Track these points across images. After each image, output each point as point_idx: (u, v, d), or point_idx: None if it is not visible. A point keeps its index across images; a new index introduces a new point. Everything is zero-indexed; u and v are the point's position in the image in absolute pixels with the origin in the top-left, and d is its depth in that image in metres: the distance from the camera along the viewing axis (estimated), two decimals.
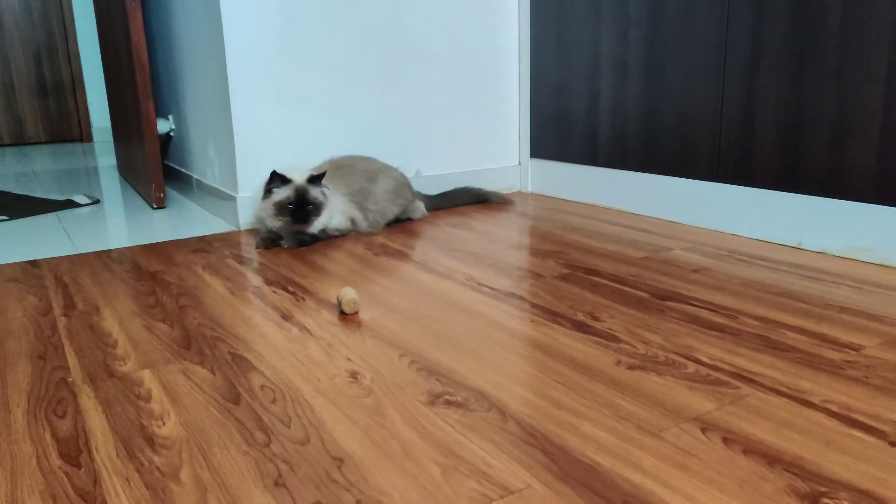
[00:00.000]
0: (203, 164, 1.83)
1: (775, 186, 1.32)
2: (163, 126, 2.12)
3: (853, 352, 0.82)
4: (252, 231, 1.55)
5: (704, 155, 1.45)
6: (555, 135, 1.85)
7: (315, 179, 1.38)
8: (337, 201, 1.45)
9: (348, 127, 1.68)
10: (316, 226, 1.40)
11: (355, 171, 1.51)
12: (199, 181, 1.86)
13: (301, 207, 1.36)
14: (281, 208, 1.36)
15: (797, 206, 1.29)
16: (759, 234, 1.36)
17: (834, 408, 0.69)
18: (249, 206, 1.57)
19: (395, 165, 1.70)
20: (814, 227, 1.26)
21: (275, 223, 1.39)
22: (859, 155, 1.18)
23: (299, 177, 1.38)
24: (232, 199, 1.58)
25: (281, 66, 1.56)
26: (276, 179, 1.36)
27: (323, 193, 1.39)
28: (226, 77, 1.51)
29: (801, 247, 1.29)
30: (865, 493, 0.55)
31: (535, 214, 1.66)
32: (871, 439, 0.63)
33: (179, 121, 2.04)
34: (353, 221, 1.48)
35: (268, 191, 1.38)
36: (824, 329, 0.89)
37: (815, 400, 0.71)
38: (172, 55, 1.99)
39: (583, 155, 1.77)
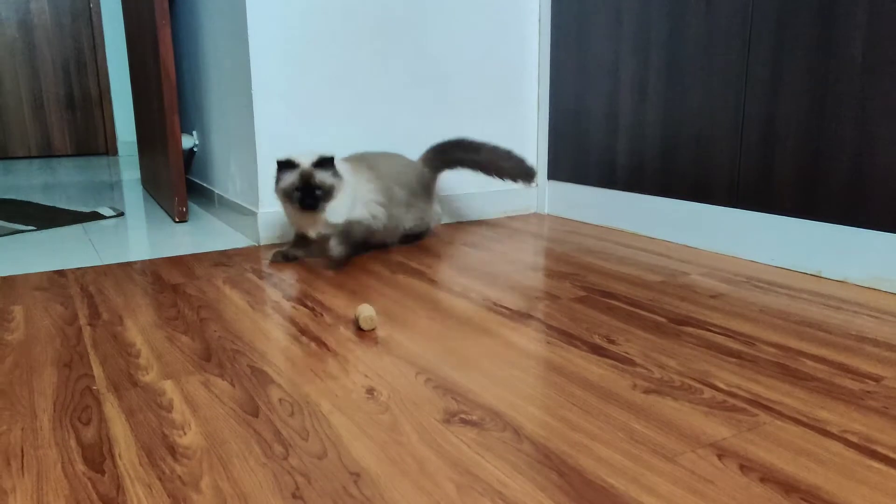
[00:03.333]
0: (225, 179, 1.86)
1: (795, 213, 1.32)
2: (187, 141, 2.16)
3: (873, 382, 0.82)
4: (273, 246, 1.58)
5: (723, 180, 1.45)
6: (573, 157, 1.86)
7: (324, 163, 1.27)
8: (362, 189, 1.34)
9: (368, 146, 1.70)
10: (335, 215, 1.31)
11: (384, 162, 1.46)
12: (220, 196, 1.89)
13: (308, 192, 1.24)
14: (288, 195, 1.26)
15: (817, 234, 1.28)
16: (778, 262, 1.36)
17: (853, 438, 0.69)
18: (270, 221, 1.59)
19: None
20: (834, 256, 1.26)
21: (293, 222, 1.34)
22: (881, 184, 1.18)
23: (306, 161, 1.28)
24: (253, 214, 1.61)
25: (305, 83, 1.59)
26: (283, 167, 1.27)
27: (335, 176, 1.28)
28: (250, 94, 1.54)
29: (821, 275, 1.29)
30: None
31: (551, 236, 1.67)
32: (890, 470, 0.63)
33: (203, 136, 2.08)
34: (374, 216, 1.37)
35: (276, 182, 1.30)
36: (844, 358, 0.89)
37: (834, 430, 0.71)
38: (199, 73, 2.03)
39: (600, 177, 1.78)
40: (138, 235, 1.72)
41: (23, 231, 1.78)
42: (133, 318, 1.08)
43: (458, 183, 1.85)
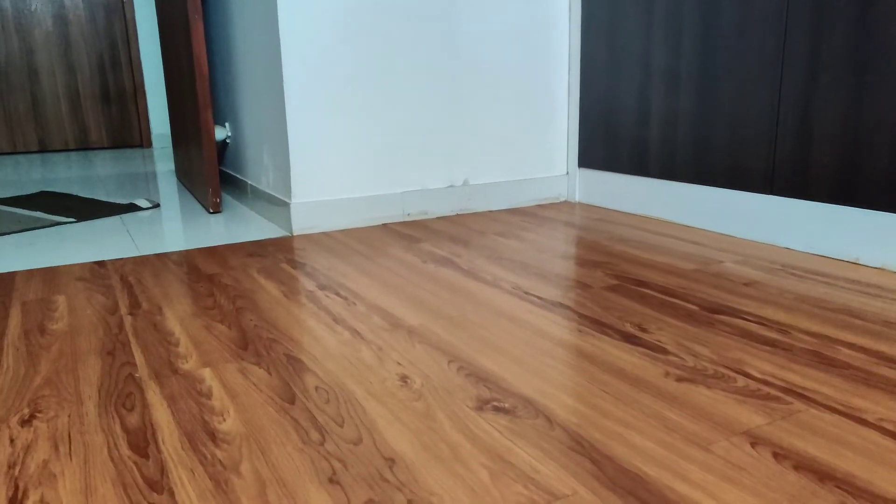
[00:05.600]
0: (258, 171, 1.89)
1: (833, 200, 1.30)
2: (220, 133, 2.20)
3: None
4: (307, 237, 1.60)
5: (759, 167, 1.43)
6: (604, 145, 1.85)
7: None
8: None
9: (399, 136, 1.71)
10: None
11: None
12: (253, 187, 1.92)
13: None
14: None
15: (856, 221, 1.26)
16: (815, 249, 1.34)
17: (889, 426, 0.68)
18: (303, 211, 1.61)
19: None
20: (873, 243, 1.23)
21: None
22: None
23: None
24: (286, 204, 1.63)
25: (336, 76, 1.61)
26: None
27: None
28: (282, 87, 1.56)
29: (859, 262, 1.26)
30: None
31: (582, 224, 1.66)
32: None
33: (236, 128, 2.11)
34: None
35: None
36: (882, 347, 0.88)
37: (870, 418, 0.70)
38: (231, 64, 2.06)
39: (632, 165, 1.76)
40: (174, 226, 1.76)
41: (64, 223, 1.83)
42: (171, 307, 1.11)
43: (486, 170, 1.85)
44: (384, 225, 1.70)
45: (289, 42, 1.54)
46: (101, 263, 1.40)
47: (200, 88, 1.86)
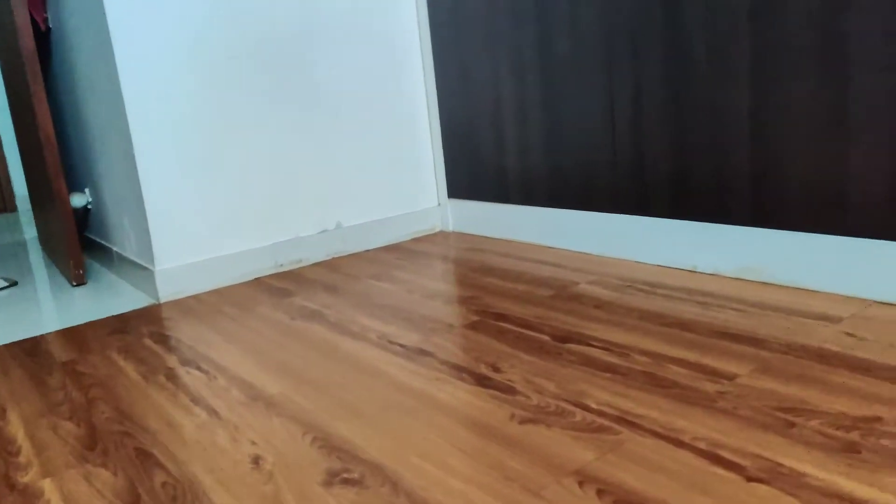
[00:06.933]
0: (121, 236, 1.82)
1: (670, 215, 1.40)
2: (79, 200, 2.10)
3: (727, 381, 0.88)
4: (175, 303, 1.55)
5: (604, 188, 1.52)
6: (468, 175, 1.90)
7: None
8: None
9: (264, 184, 1.70)
10: None
11: None
12: (119, 254, 1.85)
13: None
14: None
15: (690, 232, 1.36)
16: (659, 260, 1.43)
17: (702, 445, 0.74)
18: (169, 277, 1.57)
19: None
20: (705, 251, 1.34)
21: None
22: (737, 182, 1.26)
23: None
24: (150, 271, 1.58)
25: (190, 131, 1.58)
26: None
27: None
28: (131, 147, 1.52)
29: (696, 270, 1.37)
30: None
31: (453, 256, 1.70)
32: (730, 475, 0.68)
33: (95, 193, 2.02)
34: None
35: None
36: (706, 359, 0.95)
37: (686, 438, 0.76)
38: (83, 128, 1.98)
39: (495, 193, 1.82)
40: (31, 307, 1.67)
41: None
42: (18, 408, 1.05)
43: (358, 211, 1.86)
44: (257, 279, 1.68)
45: (134, 103, 1.50)
46: None
47: (49, 158, 1.78)
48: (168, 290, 1.57)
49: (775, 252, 1.22)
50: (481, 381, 0.97)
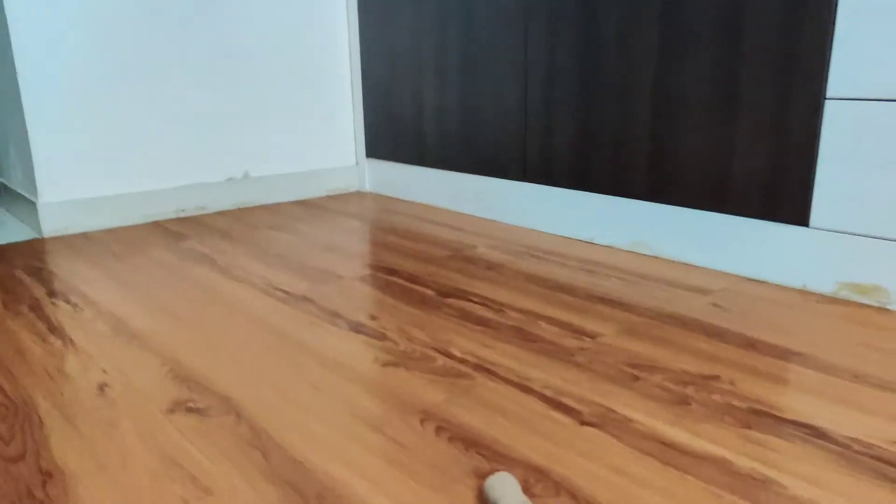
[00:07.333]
0: (8, 168, 1.72)
1: (572, 186, 1.42)
2: None
3: (589, 339, 0.90)
4: (60, 238, 1.48)
5: (514, 156, 1.53)
6: (388, 136, 1.88)
7: None
8: None
9: (167, 128, 1.63)
10: None
11: None
12: (4, 185, 1.75)
13: None
14: None
15: (590, 205, 1.38)
16: (560, 231, 1.46)
17: (548, 392, 0.76)
18: (54, 211, 1.49)
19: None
20: (603, 224, 1.37)
21: None
22: (636, 157, 1.29)
23: None
24: (33, 204, 1.50)
25: (82, 66, 1.50)
26: None
27: None
28: (16, 75, 1.43)
29: (593, 241, 1.39)
30: (535, 469, 0.62)
31: (363, 215, 1.69)
32: (565, 419, 0.70)
33: None
34: None
35: None
36: (576, 320, 0.97)
37: (536, 386, 0.78)
38: None
39: (413, 155, 1.81)
40: None
41: None
42: None
43: (269, 162, 1.82)
44: (155, 223, 1.63)
45: (21, 35, 1.42)
46: None
47: None
48: (53, 224, 1.50)
49: (665, 227, 1.26)
50: (355, 327, 0.97)
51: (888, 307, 0.99)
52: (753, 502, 0.56)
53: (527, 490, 0.59)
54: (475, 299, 1.07)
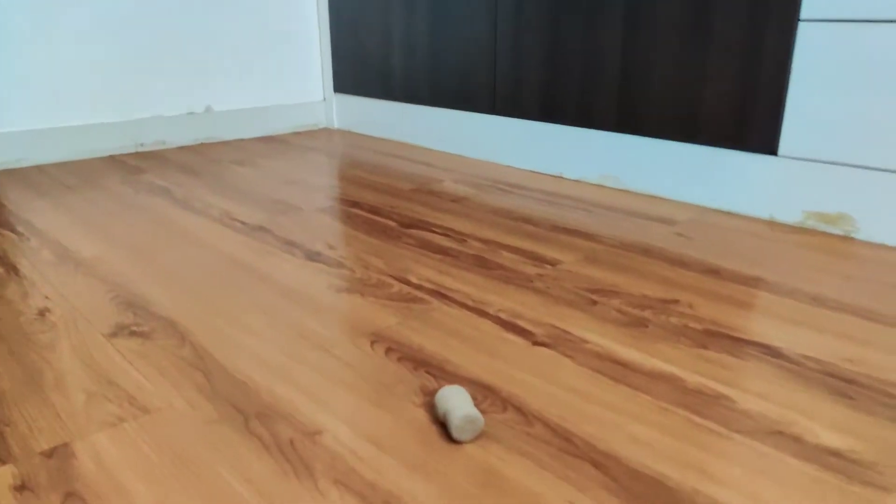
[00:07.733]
0: None
1: (540, 118, 1.38)
2: None
3: (550, 266, 0.88)
4: (10, 171, 1.42)
5: (483, 89, 1.48)
6: (355, 70, 1.82)
7: None
8: None
9: (126, 57, 1.56)
10: None
11: None
12: None
13: None
14: None
15: (558, 137, 1.35)
16: (529, 165, 1.43)
17: (503, 316, 0.74)
18: (4, 142, 1.43)
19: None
20: (572, 157, 1.34)
21: None
22: (605, 88, 1.25)
23: None
24: None
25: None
26: None
27: None
28: None
29: (563, 176, 1.37)
30: (484, 386, 0.60)
31: (329, 150, 1.64)
32: (519, 340, 0.69)
33: None
34: None
35: None
36: (537, 248, 0.96)
37: (491, 310, 0.76)
38: None
39: (380, 90, 1.76)
40: None
41: None
42: None
43: (232, 97, 1.76)
44: (112, 157, 1.57)
45: None
46: None
47: None
48: (3, 156, 1.44)
49: (635, 160, 1.24)
50: (312, 256, 0.94)
51: (853, 235, 0.98)
52: (702, 416, 0.56)
53: (475, 406, 0.57)
54: (437, 230, 1.04)
